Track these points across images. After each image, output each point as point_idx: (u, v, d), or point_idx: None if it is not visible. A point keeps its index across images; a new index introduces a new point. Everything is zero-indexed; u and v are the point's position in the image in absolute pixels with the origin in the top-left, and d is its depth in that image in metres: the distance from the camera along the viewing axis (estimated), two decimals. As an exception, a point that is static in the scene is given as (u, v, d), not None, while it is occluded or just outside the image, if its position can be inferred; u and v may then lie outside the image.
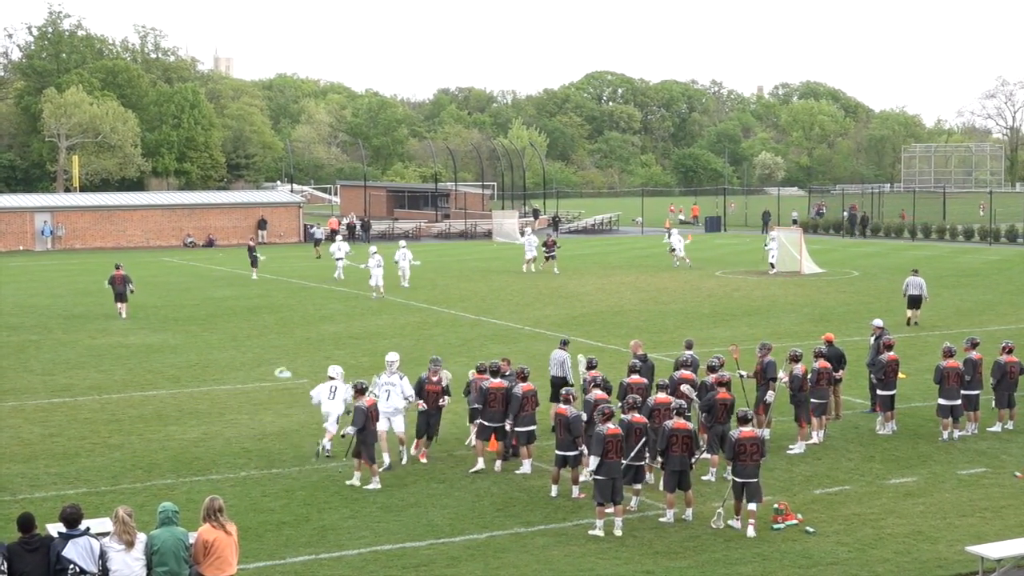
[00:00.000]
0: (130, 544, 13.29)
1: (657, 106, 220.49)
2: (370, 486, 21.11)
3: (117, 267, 45.22)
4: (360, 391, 21.55)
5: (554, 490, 20.69)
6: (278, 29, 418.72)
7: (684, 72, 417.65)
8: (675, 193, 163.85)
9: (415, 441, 23.25)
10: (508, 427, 22.30)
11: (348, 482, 21.32)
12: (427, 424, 23.14)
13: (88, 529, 13.35)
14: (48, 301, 48.95)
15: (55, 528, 13.49)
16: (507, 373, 23.24)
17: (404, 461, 22.69)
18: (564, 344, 26.69)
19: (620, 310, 45.05)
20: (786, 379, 24.16)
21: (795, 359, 24.30)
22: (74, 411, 27.69)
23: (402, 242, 58.23)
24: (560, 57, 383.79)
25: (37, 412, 27.57)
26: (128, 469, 22.47)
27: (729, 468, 19.64)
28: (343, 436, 22.05)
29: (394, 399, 22.68)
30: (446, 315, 43.91)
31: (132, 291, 44.56)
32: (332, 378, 24.15)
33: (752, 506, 18.86)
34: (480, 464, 22.40)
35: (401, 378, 22.97)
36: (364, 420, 21.09)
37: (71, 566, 12.99)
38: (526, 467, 22.20)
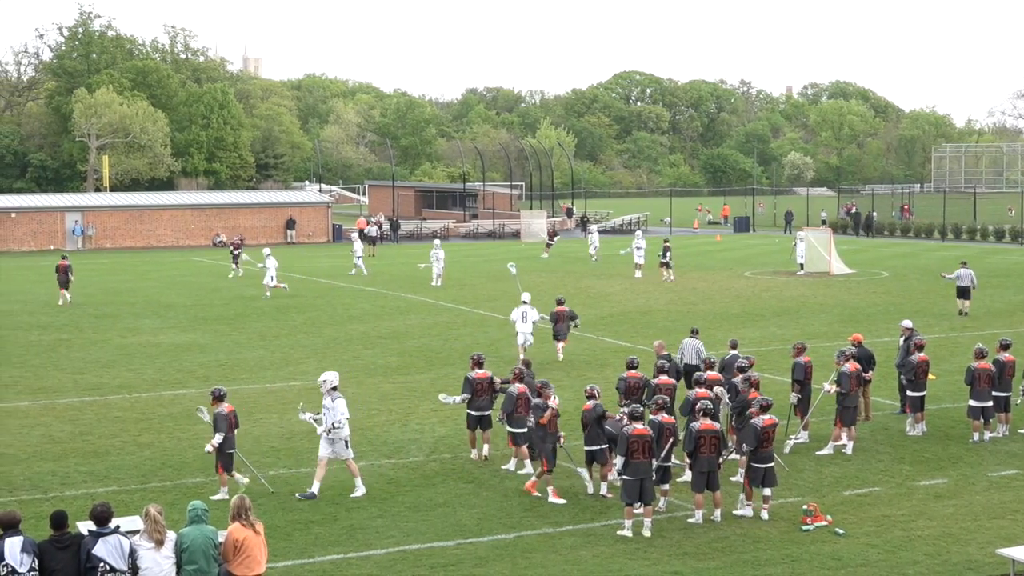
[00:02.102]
0: (160, 542, 13.34)
1: (685, 106, 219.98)
2: (216, 496, 20.14)
3: (63, 257, 49.49)
4: (219, 398, 20.71)
5: (590, 486, 20.72)
6: (307, 30, 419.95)
7: (713, 72, 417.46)
8: (704, 193, 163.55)
9: (535, 469, 21.11)
10: (500, 422, 22.57)
11: (213, 497, 20.25)
12: (554, 451, 20.76)
13: (118, 527, 13.40)
14: (79, 300, 49.14)
15: (86, 526, 13.54)
16: (523, 377, 23.12)
17: (357, 494, 20.61)
18: (695, 333, 27.18)
19: (648, 310, 44.96)
20: (831, 389, 23.93)
21: (846, 357, 24.16)
22: (104, 410, 27.83)
23: (436, 241, 58.06)
24: (588, 57, 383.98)
25: (68, 410, 27.71)
26: (158, 468, 22.56)
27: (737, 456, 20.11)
28: (207, 452, 20.82)
29: (326, 423, 20.66)
30: (474, 315, 43.92)
31: (71, 280, 48.44)
32: (524, 302, 32.47)
33: (768, 491, 19.47)
34: (474, 454, 22.97)
35: (334, 400, 20.67)
36: (226, 427, 20.39)
37: (101, 564, 13.04)
38: (527, 467, 22.17)
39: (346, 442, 20.68)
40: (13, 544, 12.97)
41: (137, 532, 13.50)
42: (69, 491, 20.88)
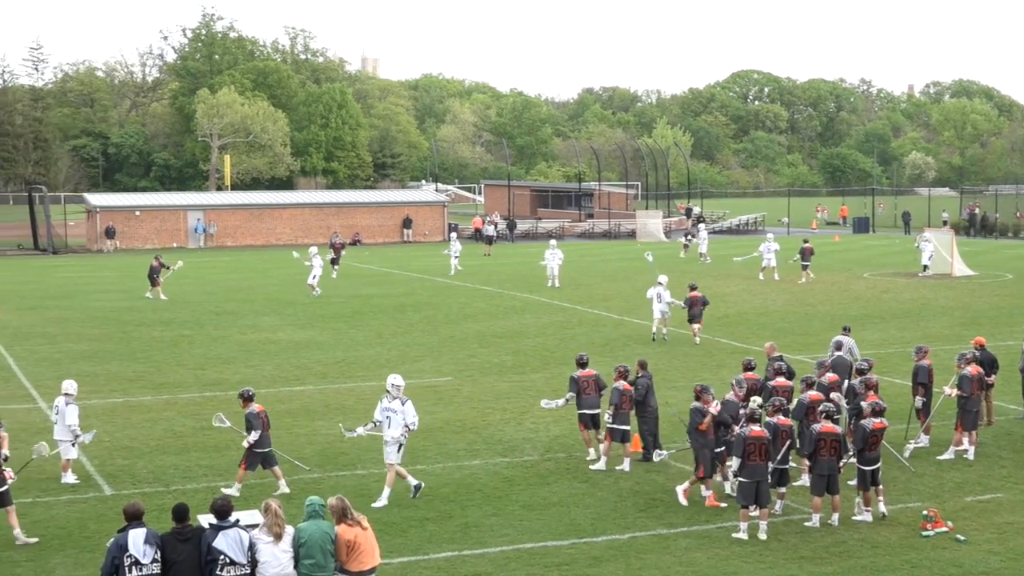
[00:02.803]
0: (279, 536, 13.51)
1: (804, 105, 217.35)
2: (229, 490, 20.18)
3: (156, 257, 51.75)
4: (248, 399, 20.88)
5: (703, 489, 20.57)
6: (424, 30, 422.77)
7: (832, 71, 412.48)
8: (822, 193, 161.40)
9: (705, 482, 20.36)
10: (607, 420, 22.41)
11: (276, 494, 20.18)
12: (713, 459, 20.33)
13: (238, 521, 13.60)
14: (200, 297, 50.09)
15: (206, 519, 13.76)
16: (640, 376, 23.08)
17: (379, 504, 19.95)
18: (847, 331, 27.37)
19: (765, 311, 44.55)
20: (952, 393, 23.49)
21: (968, 360, 23.72)
22: (225, 405, 28.16)
23: (552, 242, 57.46)
24: (706, 56, 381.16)
25: (189, 406, 28.22)
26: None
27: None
28: (246, 446, 20.82)
29: (395, 427, 20.20)
30: (589, 315, 43.88)
31: (165, 276, 50.08)
32: (660, 283, 37.43)
33: (879, 486, 19.45)
34: (592, 454, 22.89)
35: (404, 403, 20.33)
36: (260, 426, 20.56)
37: (221, 556, 13.24)
38: (600, 462, 22.35)
39: (399, 447, 20.31)
40: (137, 536, 13.26)
41: (256, 526, 13.69)
42: (191, 484, 21.27)
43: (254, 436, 20.52)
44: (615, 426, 22.21)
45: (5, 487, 18.32)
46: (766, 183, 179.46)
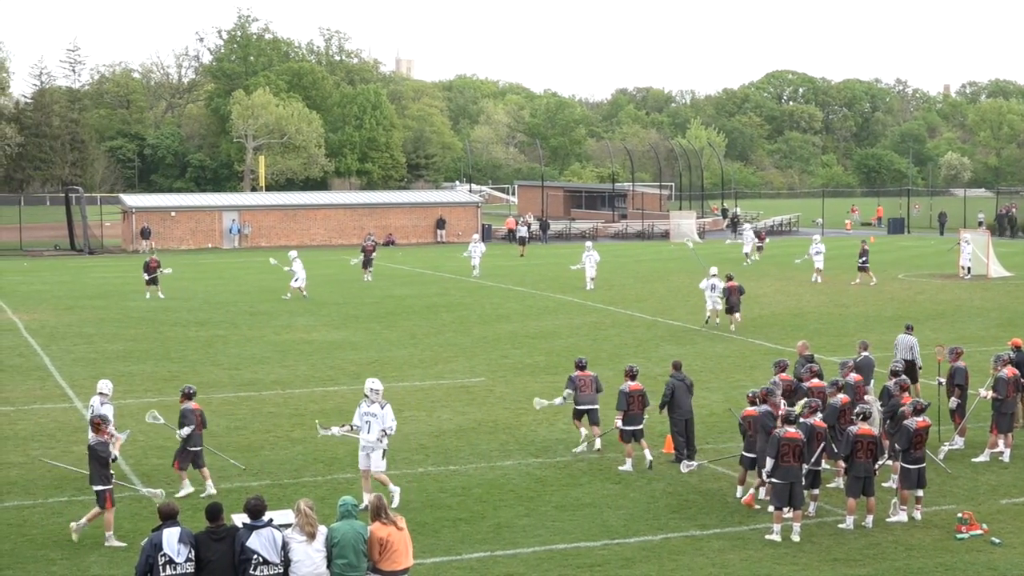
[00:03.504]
0: (311, 536, 13.55)
1: (839, 105, 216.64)
2: (180, 493, 20.35)
3: (153, 255, 53.07)
4: (187, 396, 21.08)
5: (739, 491, 20.50)
6: (458, 31, 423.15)
7: (867, 71, 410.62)
8: (857, 194, 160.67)
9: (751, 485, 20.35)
10: (617, 425, 22.35)
11: (203, 495, 20.41)
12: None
13: (271, 520, 13.65)
14: (235, 297, 50.28)
15: (240, 519, 13.83)
16: (671, 375, 23.05)
17: (395, 504, 19.70)
18: (909, 329, 27.70)
19: (799, 312, 44.38)
20: (988, 395, 23.39)
21: (1004, 362, 23.57)
22: (259, 405, 28.39)
23: (588, 243, 57.29)
24: (740, 56, 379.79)
25: (223, 405, 28.32)
26: (310, 463, 22.95)
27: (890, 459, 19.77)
28: (179, 437, 20.98)
29: (375, 432, 19.97)
30: (622, 316, 43.82)
31: (161, 274, 50.36)
32: (712, 274, 40.15)
33: (920, 492, 19.33)
34: (583, 446, 23.52)
35: (383, 407, 20.09)
36: (193, 423, 20.70)
37: (255, 556, 13.30)
38: (627, 465, 22.33)
39: (384, 452, 20.13)
40: (171, 535, 13.35)
41: (289, 526, 13.75)
42: (224, 484, 21.33)
43: (186, 431, 20.76)
44: (624, 428, 22.23)
45: (108, 487, 18.48)
46: (800, 184, 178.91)
